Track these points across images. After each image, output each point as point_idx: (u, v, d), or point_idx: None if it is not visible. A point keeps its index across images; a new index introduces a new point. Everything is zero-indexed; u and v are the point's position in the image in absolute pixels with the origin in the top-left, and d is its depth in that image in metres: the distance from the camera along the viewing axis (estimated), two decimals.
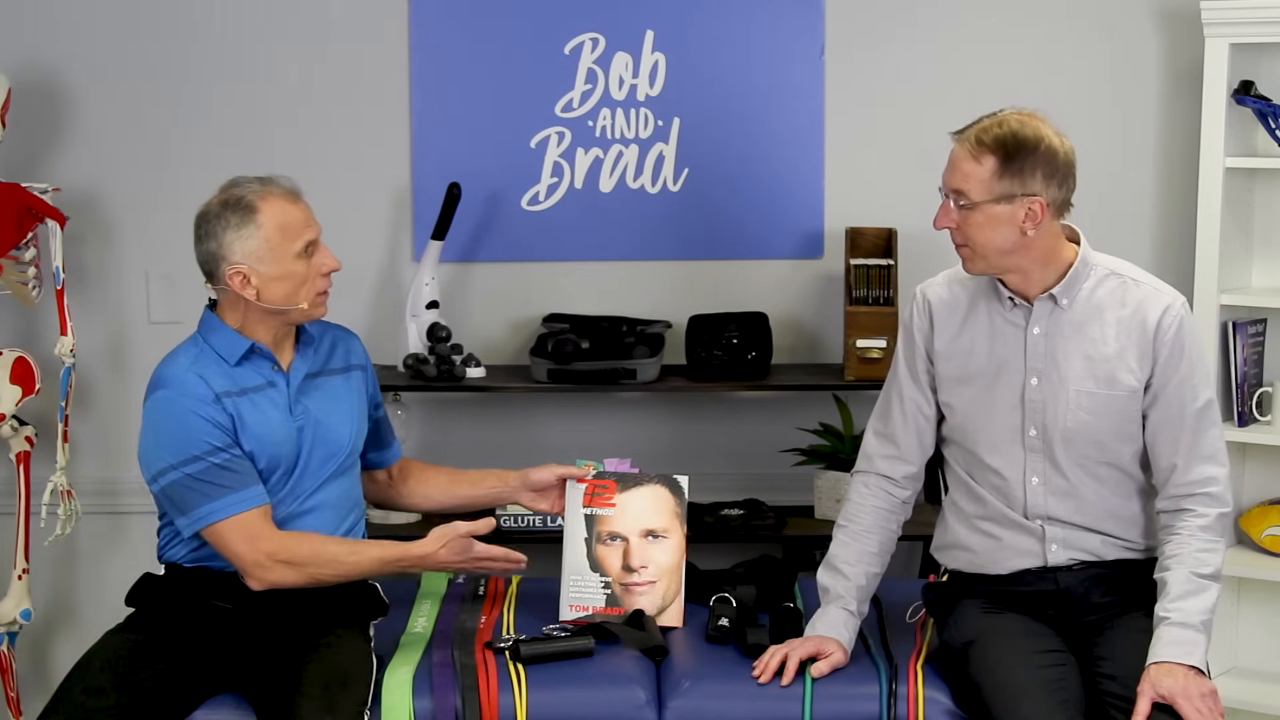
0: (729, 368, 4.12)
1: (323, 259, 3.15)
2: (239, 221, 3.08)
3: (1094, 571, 3.10)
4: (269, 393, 3.14)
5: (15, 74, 4.16)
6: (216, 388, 3.08)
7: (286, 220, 3.10)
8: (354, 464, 3.27)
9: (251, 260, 3.08)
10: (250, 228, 3.07)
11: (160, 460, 3.06)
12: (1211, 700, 2.88)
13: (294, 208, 3.12)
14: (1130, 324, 3.04)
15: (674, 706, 3.08)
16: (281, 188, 3.13)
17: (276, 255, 3.08)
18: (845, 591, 3.16)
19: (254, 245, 3.07)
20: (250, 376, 3.13)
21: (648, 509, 3.34)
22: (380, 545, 3.16)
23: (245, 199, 3.09)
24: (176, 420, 3.05)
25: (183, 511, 3.06)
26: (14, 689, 4.12)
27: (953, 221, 3.01)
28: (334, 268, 3.17)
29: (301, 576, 3.07)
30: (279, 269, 3.09)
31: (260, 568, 3.04)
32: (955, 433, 3.17)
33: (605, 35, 4.26)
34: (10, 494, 4.18)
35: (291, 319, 3.15)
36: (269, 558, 3.03)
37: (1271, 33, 3.90)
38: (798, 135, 4.28)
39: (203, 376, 3.08)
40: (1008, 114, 3.00)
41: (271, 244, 3.08)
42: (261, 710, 2.98)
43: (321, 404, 3.19)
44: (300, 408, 3.16)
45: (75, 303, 4.18)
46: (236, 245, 3.07)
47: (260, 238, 3.07)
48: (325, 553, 3.09)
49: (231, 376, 3.11)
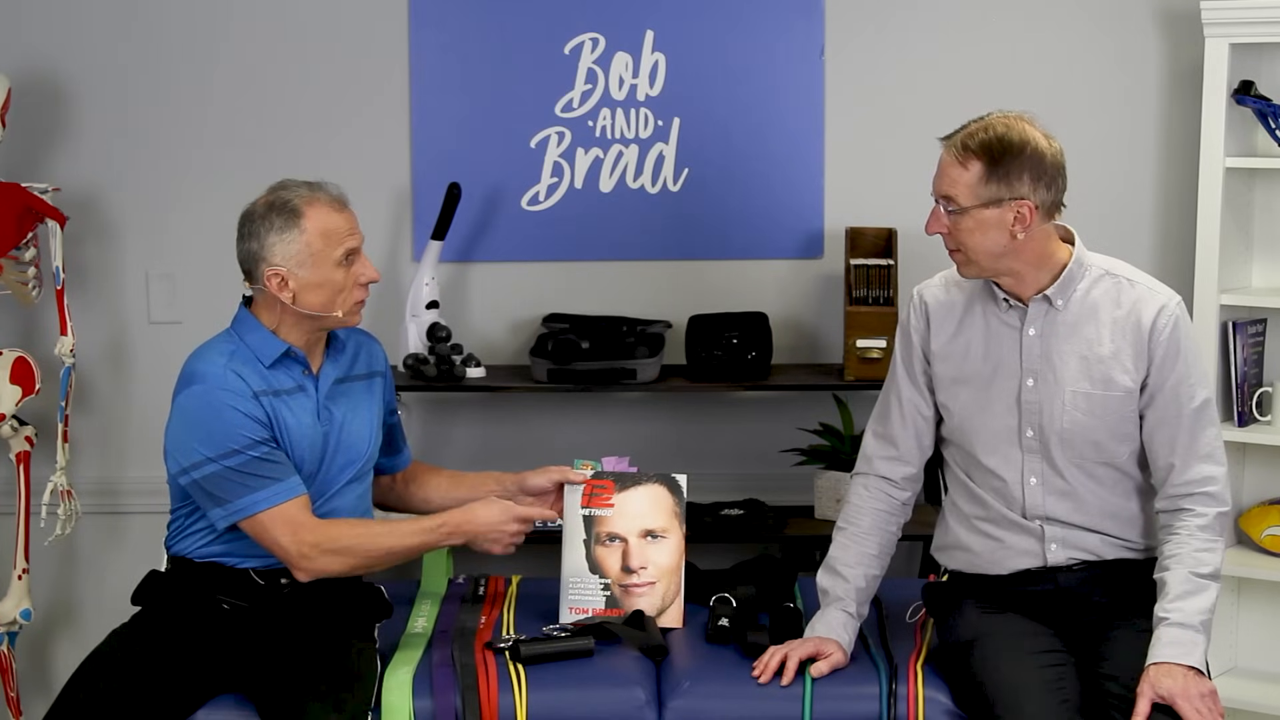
0: (729, 368, 4.12)
1: (362, 269, 3.15)
2: (283, 224, 3.08)
3: (1094, 571, 3.10)
4: (299, 397, 3.14)
5: (15, 74, 4.16)
6: (253, 385, 3.08)
7: (330, 227, 3.10)
8: (369, 470, 3.28)
9: (291, 264, 3.08)
10: (294, 232, 3.08)
11: (195, 453, 3.05)
12: (1211, 700, 2.88)
13: (339, 215, 3.12)
14: (1125, 324, 3.04)
15: (674, 706, 3.08)
16: (329, 194, 3.13)
17: (317, 261, 3.09)
18: (845, 594, 3.16)
19: (295, 249, 3.08)
20: (282, 379, 3.13)
21: (646, 509, 3.34)
22: (420, 518, 3.19)
23: (291, 202, 3.09)
24: (214, 414, 3.04)
25: (219, 503, 3.05)
26: (14, 689, 4.12)
27: (943, 227, 3.02)
28: (373, 279, 3.17)
29: (347, 562, 3.07)
30: (318, 275, 3.09)
31: (306, 558, 3.04)
32: (953, 434, 3.17)
33: (605, 35, 4.26)
34: (10, 494, 4.19)
35: (326, 325, 3.16)
36: (314, 548, 3.04)
37: (1271, 33, 3.90)
38: (798, 135, 4.28)
39: (239, 374, 3.08)
40: (994, 118, 3.00)
41: (313, 249, 3.08)
42: (265, 710, 2.98)
43: (346, 410, 3.20)
44: (326, 413, 3.17)
45: (75, 303, 4.18)
46: (278, 248, 3.08)
47: (302, 242, 3.08)
48: (367, 534, 3.11)
49: (265, 378, 3.11)
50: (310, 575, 3.07)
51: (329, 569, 3.07)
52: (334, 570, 3.07)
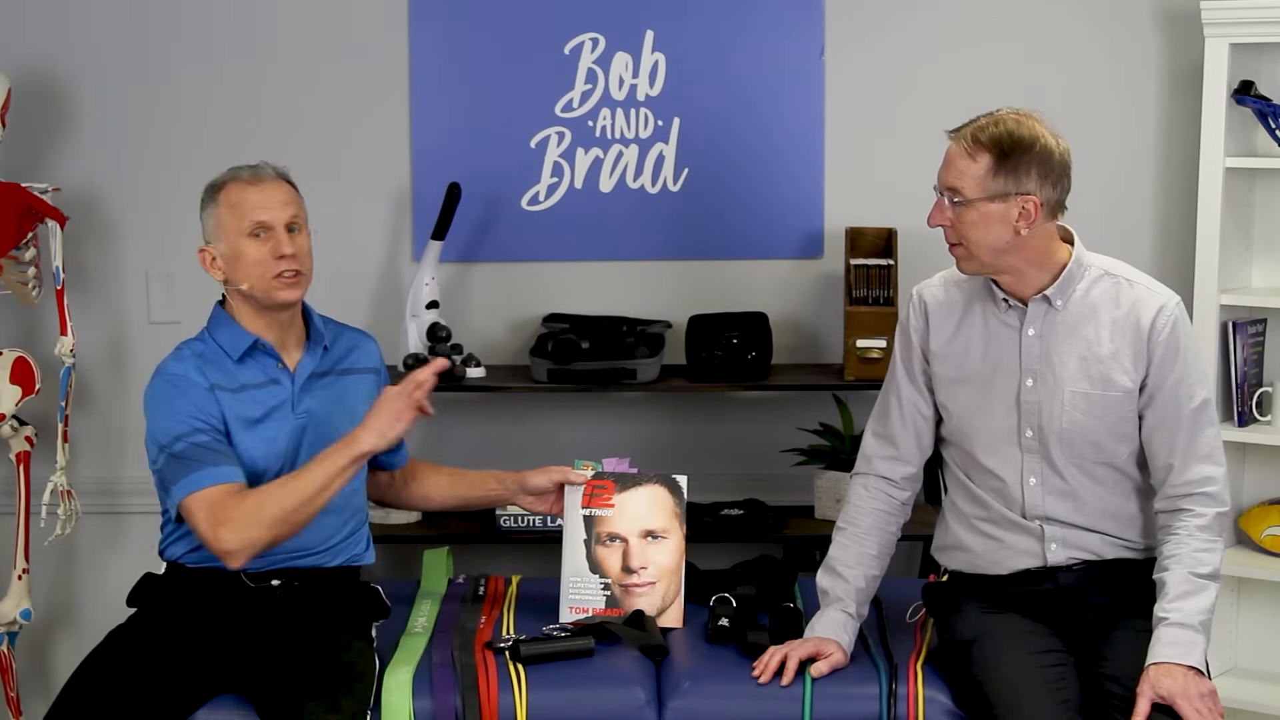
0: (729, 368, 4.12)
1: (277, 243, 3.12)
2: (206, 201, 3.19)
3: (1094, 571, 3.10)
4: (272, 389, 3.15)
5: (15, 74, 4.16)
6: (214, 380, 3.10)
7: (237, 200, 3.14)
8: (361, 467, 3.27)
9: (211, 238, 3.16)
10: (211, 207, 3.17)
11: (153, 446, 3.09)
12: (1211, 700, 2.88)
13: (251, 188, 3.15)
14: (1125, 324, 3.04)
15: (674, 706, 3.08)
16: (252, 173, 3.17)
17: (226, 234, 3.13)
18: (845, 594, 3.16)
19: (212, 224, 3.17)
20: (254, 373, 3.15)
21: (646, 509, 3.34)
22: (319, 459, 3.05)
23: (217, 181, 3.19)
24: (166, 404, 3.08)
25: (167, 493, 3.06)
26: (14, 689, 4.12)
27: (946, 219, 3.01)
28: (286, 252, 3.12)
29: (259, 528, 2.97)
30: (230, 248, 3.13)
31: (219, 540, 2.97)
32: (953, 434, 3.17)
33: (605, 35, 4.26)
34: (10, 494, 4.19)
35: (264, 304, 3.15)
36: (223, 525, 2.96)
37: (1271, 33, 3.90)
38: (798, 135, 4.28)
39: (202, 370, 3.11)
40: (1004, 113, 3.00)
41: (222, 222, 3.14)
42: (264, 711, 2.98)
43: (327, 405, 3.19)
44: (303, 407, 3.16)
45: (75, 303, 4.18)
46: (205, 225, 3.18)
47: (216, 217, 3.15)
48: (270, 488, 3.02)
49: (233, 374, 3.13)
50: (235, 556, 2.97)
51: (244, 541, 2.96)
52: (254, 539, 2.97)
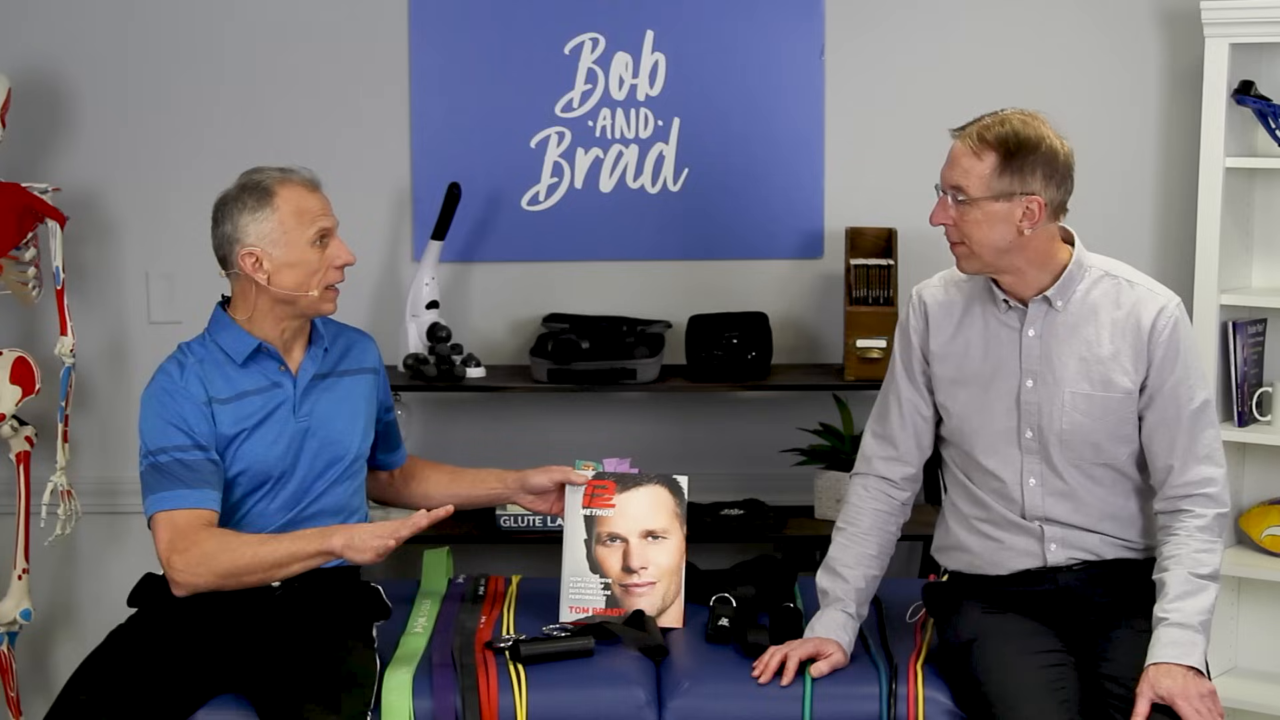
0: (729, 368, 4.12)
1: (337, 251, 3.15)
2: (255, 204, 3.10)
3: (1093, 571, 3.10)
4: (274, 393, 3.15)
5: (15, 74, 4.16)
6: (212, 391, 3.10)
7: (302, 206, 3.12)
8: (359, 470, 3.27)
9: (265, 243, 3.09)
10: (266, 211, 3.10)
11: (141, 448, 3.09)
12: (1211, 701, 2.88)
13: (311, 196, 3.14)
14: (1125, 325, 3.04)
15: (674, 706, 3.08)
16: (301, 176, 3.15)
17: (290, 240, 3.10)
18: (844, 594, 3.16)
19: (268, 228, 3.09)
20: (255, 378, 3.14)
21: (647, 510, 3.34)
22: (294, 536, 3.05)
23: (263, 183, 3.12)
24: (159, 412, 3.08)
25: (143, 499, 3.07)
26: (14, 689, 4.12)
27: (949, 218, 3.01)
28: (348, 261, 3.17)
29: (209, 575, 2.98)
30: (291, 254, 3.10)
31: (172, 568, 2.99)
32: (952, 435, 3.17)
33: (605, 35, 4.26)
34: (10, 494, 4.19)
35: (301, 310, 3.15)
36: (180, 558, 2.97)
37: (1271, 33, 3.90)
38: (798, 135, 4.28)
39: (201, 379, 3.10)
40: (1010, 113, 3.00)
41: (285, 228, 3.10)
42: (264, 711, 2.97)
43: (328, 406, 3.20)
44: (305, 409, 3.16)
45: (75, 303, 4.18)
46: (251, 228, 3.09)
47: (275, 221, 3.09)
48: (238, 543, 3.01)
49: (234, 380, 3.12)
50: (178, 586, 3.00)
51: (194, 579, 2.98)
52: (200, 582, 2.99)
